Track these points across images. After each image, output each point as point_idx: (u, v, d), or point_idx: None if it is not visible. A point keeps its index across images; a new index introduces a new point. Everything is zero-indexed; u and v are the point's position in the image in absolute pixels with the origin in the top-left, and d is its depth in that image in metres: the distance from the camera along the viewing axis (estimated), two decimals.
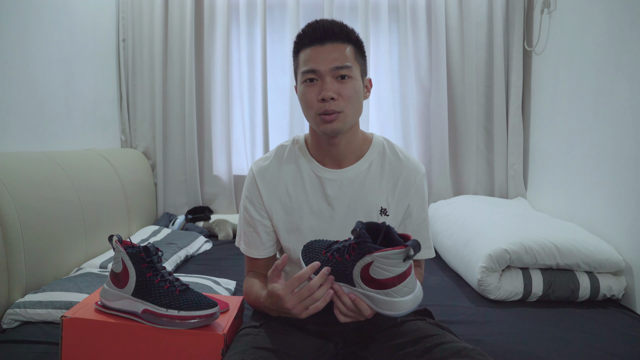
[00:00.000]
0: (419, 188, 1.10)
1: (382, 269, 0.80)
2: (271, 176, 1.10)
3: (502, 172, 2.67)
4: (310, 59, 0.99)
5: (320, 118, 1.00)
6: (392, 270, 0.80)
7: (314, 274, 0.88)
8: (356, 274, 0.83)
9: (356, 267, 0.83)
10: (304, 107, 1.03)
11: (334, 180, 1.07)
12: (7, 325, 1.26)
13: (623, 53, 1.76)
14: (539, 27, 2.45)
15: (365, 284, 0.83)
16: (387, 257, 0.79)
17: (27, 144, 1.74)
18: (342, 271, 0.86)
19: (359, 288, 0.84)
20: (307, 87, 1.01)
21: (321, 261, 0.89)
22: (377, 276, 0.81)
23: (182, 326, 0.96)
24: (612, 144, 1.81)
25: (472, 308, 1.56)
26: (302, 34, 1.02)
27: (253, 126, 2.73)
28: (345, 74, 0.99)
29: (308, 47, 1.01)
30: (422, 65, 2.69)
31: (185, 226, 2.49)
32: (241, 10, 2.66)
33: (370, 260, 0.80)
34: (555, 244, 1.63)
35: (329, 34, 0.99)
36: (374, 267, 0.80)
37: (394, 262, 0.79)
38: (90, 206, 1.78)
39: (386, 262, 0.79)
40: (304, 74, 1.01)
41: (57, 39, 1.95)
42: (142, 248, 1.00)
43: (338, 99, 0.98)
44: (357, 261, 0.83)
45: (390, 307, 0.82)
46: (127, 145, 2.68)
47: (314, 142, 1.09)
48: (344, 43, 1.00)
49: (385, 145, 1.12)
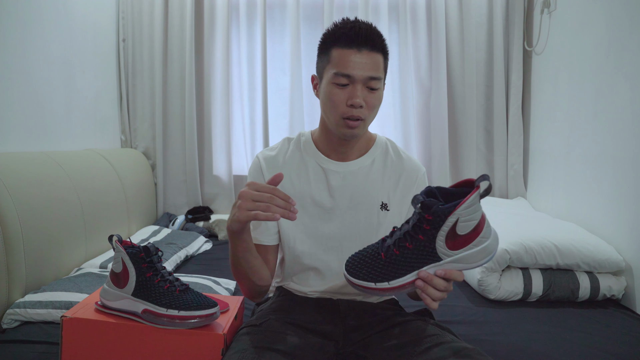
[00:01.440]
0: (420, 185, 1.12)
1: (468, 220, 0.75)
2: (277, 165, 1.11)
3: (502, 172, 2.67)
4: (347, 64, 0.99)
5: (344, 122, 1.01)
6: (475, 217, 0.76)
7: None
8: (441, 244, 0.78)
9: (439, 238, 0.77)
10: (329, 106, 1.03)
11: (337, 172, 1.09)
12: (7, 325, 1.26)
13: (623, 53, 1.76)
14: (539, 27, 2.45)
15: (454, 249, 0.78)
16: (470, 205, 0.74)
17: (27, 144, 1.74)
18: (420, 255, 0.79)
19: (446, 258, 0.78)
20: (336, 89, 1.01)
21: (384, 265, 0.81)
22: (465, 231, 0.76)
23: (182, 326, 0.96)
24: (612, 144, 1.81)
25: (472, 308, 1.56)
26: (338, 31, 1.02)
27: (253, 126, 2.73)
28: (376, 85, 1.01)
29: (344, 48, 1.00)
30: (422, 65, 2.69)
31: (185, 226, 2.49)
32: (241, 10, 2.66)
33: (455, 219, 0.75)
34: (555, 244, 1.63)
35: (369, 40, 1.00)
36: (460, 224, 0.75)
37: (475, 206, 0.75)
38: (90, 206, 1.78)
39: (470, 210, 0.75)
40: (336, 75, 1.00)
41: (57, 39, 1.95)
42: (142, 248, 1.00)
43: (364, 107, 1.00)
44: (437, 231, 0.77)
45: (484, 253, 0.78)
46: (127, 145, 2.68)
47: (323, 138, 1.11)
48: (379, 53, 1.01)
49: (388, 144, 1.15)
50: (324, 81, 1.04)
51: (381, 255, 0.81)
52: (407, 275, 0.80)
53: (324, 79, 1.05)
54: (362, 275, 0.82)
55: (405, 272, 0.80)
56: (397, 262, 0.80)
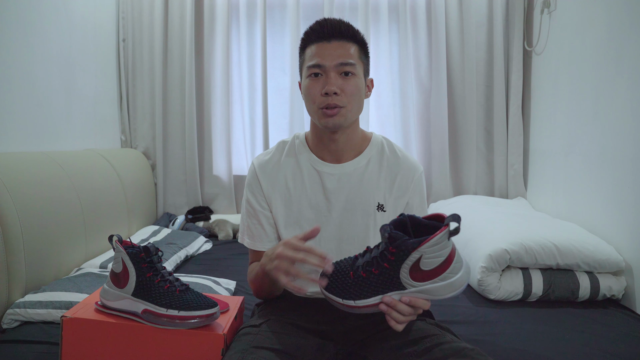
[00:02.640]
0: (417, 185, 1.11)
1: (432, 257, 0.76)
2: (272, 170, 1.12)
3: (502, 172, 2.67)
4: (316, 54, 1.02)
5: (322, 112, 1.02)
6: (442, 254, 0.76)
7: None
8: (404, 275, 0.79)
9: (403, 270, 0.78)
10: (307, 100, 1.05)
11: (332, 175, 1.09)
12: (7, 325, 1.26)
13: (623, 53, 1.76)
14: (539, 27, 2.45)
15: (418, 281, 0.78)
16: (436, 243, 0.75)
17: (27, 144, 1.74)
18: (385, 281, 0.80)
19: (411, 288, 0.80)
20: (311, 81, 1.03)
21: (352, 284, 0.83)
22: (428, 267, 0.77)
23: (182, 326, 0.96)
24: (611, 144, 1.81)
25: (472, 308, 1.56)
26: (310, 30, 1.05)
27: (253, 126, 2.73)
28: (349, 71, 1.02)
29: (314, 43, 1.03)
30: (422, 65, 2.69)
31: (185, 226, 2.49)
32: (241, 10, 2.66)
33: (419, 256, 0.76)
34: (555, 244, 1.63)
35: (336, 31, 1.02)
36: (423, 260, 0.76)
37: (442, 245, 0.75)
38: (90, 206, 1.78)
39: (435, 248, 0.75)
40: (309, 68, 1.03)
41: (57, 39, 1.95)
42: (142, 248, 1.00)
43: (341, 95, 1.01)
44: (401, 264, 0.78)
45: (450, 288, 0.78)
46: (127, 145, 2.68)
47: (314, 138, 1.11)
48: (349, 42, 1.03)
49: (384, 143, 1.14)
50: (302, 79, 1.07)
51: (350, 274, 0.83)
52: (372, 297, 0.82)
53: (302, 77, 1.08)
54: (332, 289, 0.84)
55: (371, 294, 0.82)
56: (363, 283, 0.82)
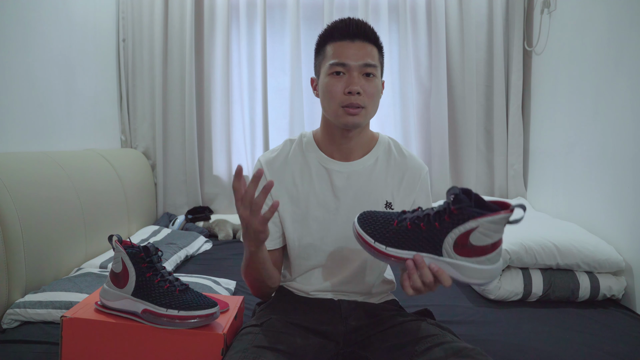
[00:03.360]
0: (423, 184, 1.12)
1: (485, 234, 0.74)
2: (279, 167, 1.12)
3: (502, 172, 2.67)
4: (341, 53, 1.02)
5: (343, 110, 1.02)
6: (493, 236, 0.75)
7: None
8: (449, 242, 0.77)
9: (451, 235, 0.77)
10: (328, 97, 1.04)
11: (341, 172, 1.09)
12: (7, 325, 1.26)
13: (623, 53, 1.76)
14: (539, 27, 2.45)
15: (457, 253, 0.77)
16: (495, 222, 0.73)
17: (27, 144, 1.74)
18: (426, 240, 0.79)
19: (446, 258, 0.79)
20: (333, 79, 1.03)
21: (392, 231, 0.82)
22: (477, 243, 0.75)
23: (182, 326, 0.96)
24: (612, 144, 1.81)
25: (472, 308, 1.56)
26: (334, 27, 1.05)
27: (253, 126, 2.73)
28: (372, 72, 1.02)
29: (338, 41, 1.04)
30: (422, 65, 2.69)
31: (185, 226, 2.49)
32: (241, 10, 2.66)
33: (475, 226, 0.74)
34: (555, 244, 1.63)
35: (361, 32, 1.03)
36: (477, 233, 0.75)
37: (498, 227, 0.74)
38: (90, 206, 1.78)
39: (492, 227, 0.74)
40: (332, 66, 1.02)
41: (57, 39, 1.95)
42: (142, 248, 1.00)
43: (363, 95, 1.01)
44: (453, 228, 0.76)
45: (480, 275, 0.77)
46: (127, 145, 2.68)
47: (325, 136, 1.11)
48: (371, 43, 1.04)
49: (390, 143, 1.15)
50: (322, 76, 1.06)
51: (394, 222, 0.83)
52: (405, 250, 0.82)
53: (321, 74, 1.07)
54: (367, 229, 0.84)
55: (406, 247, 0.82)
56: (404, 234, 0.82)
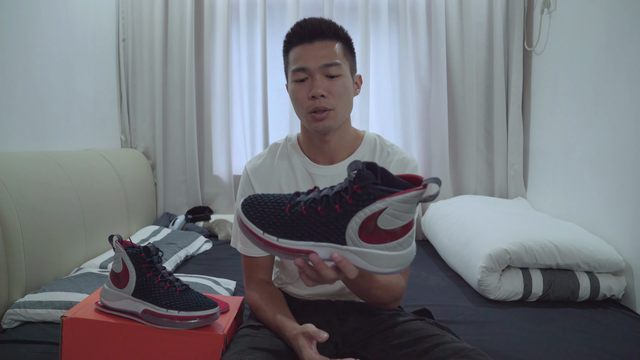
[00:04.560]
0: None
1: (395, 216, 0.64)
2: (264, 174, 1.11)
3: (502, 172, 2.67)
4: (300, 57, 1.00)
5: (311, 116, 1.00)
6: (405, 217, 0.65)
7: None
8: (353, 227, 0.66)
9: (354, 219, 0.66)
10: (295, 105, 1.04)
11: (324, 177, 1.07)
12: (7, 325, 1.26)
13: (623, 53, 1.76)
14: (539, 27, 2.45)
15: (364, 239, 0.66)
16: (406, 201, 0.63)
17: (27, 144, 1.74)
18: (326, 227, 0.67)
19: (351, 246, 0.67)
20: (297, 85, 1.01)
21: (283, 219, 0.69)
22: (386, 226, 0.65)
23: (182, 326, 0.96)
24: (612, 144, 1.81)
25: (472, 308, 1.56)
26: (291, 32, 1.03)
27: (253, 126, 2.73)
28: (335, 73, 0.99)
29: (297, 45, 1.01)
30: (422, 65, 2.69)
31: (185, 226, 2.49)
32: (241, 10, 2.66)
33: (383, 207, 0.64)
34: (555, 244, 1.63)
35: (318, 31, 1.00)
36: (385, 215, 0.64)
37: (411, 206, 0.64)
38: (90, 206, 1.78)
39: (403, 207, 0.63)
40: (293, 72, 1.01)
41: (57, 39, 1.95)
42: (142, 248, 1.00)
43: (328, 97, 0.99)
44: (357, 211, 0.65)
45: (392, 262, 0.66)
46: (127, 145, 2.68)
47: (305, 140, 1.10)
48: (332, 40, 1.01)
49: (377, 141, 1.11)
50: (289, 83, 1.05)
51: (286, 207, 0.70)
52: (302, 241, 0.69)
53: (288, 81, 1.05)
54: (254, 218, 0.71)
55: (302, 237, 0.69)
56: (298, 221, 0.68)
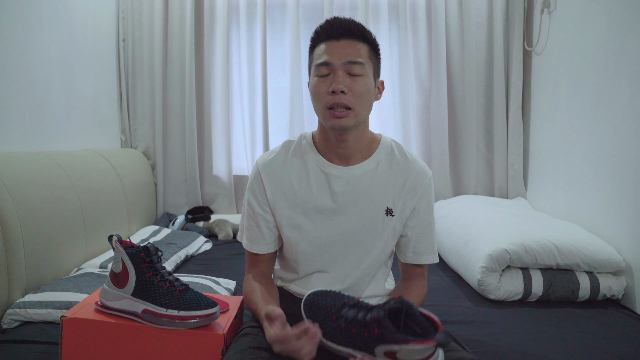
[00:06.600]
0: (426, 190, 1.08)
1: (409, 357, 0.76)
2: (276, 170, 1.09)
3: (502, 172, 2.67)
4: (324, 53, 1.00)
5: (329, 112, 0.99)
6: (419, 356, 0.76)
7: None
8: (380, 352, 0.78)
9: (379, 348, 0.78)
10: (314, 99, 1.03)
11: (340, 177, 1.06)
12: (7, 325, 1.26)
13: (623, 53, 1.76)
14: (539, 27, 2.45)
15: (390, 358, 0.78)
16: (417, 351, 0.75)
17: (27, 144, 1.74)
18: (359, 343, 0.81)
19: (380, 359, 0.80)
20: (318, 80, 1.01)
21: (330, 326, 0.84)
22: (405, 358, 0.77)
23: (182, 326, 0.96)
24: (612, 144, 1.81)
25: (472, 308, 1.56)
26: (319, 29, 1.03)
27: (253, 126, 2.73)
28: (358, 72, 0.99)
29: (323, 42, 1.01)
30: (422, 65, 2.69)
31: (185, 226, 2.49)
32: (241, 10, 2.66)
33: (397, 349, 0.76)
34: (555, 244, 1.63)
35: (345, 30, 1.00)
36: (400, 355, 0.76)
37: (420, 353, 0.75)
38: (90, 206, 1.78)
39: (415, 354, 0.75)
40: (317, 67, 1.01)
41: (57, 39, 1.95)
42: (142, 248, 1.00)
43: (348, 94, 0.98)
44: (379, 344, 0.78)
45: None
46: (127, 145, 2.68)
47: (322, 138, 1.08)
48: (359, 41, 1.01)
49: (393, 146, 1.11)
50: (310, 78, 1.05)
51: (332, 318, 0.85)
52: (342, 347, 0.83)
53: (310, 77, 1.05)
54: (312, 319, 0.87)
55: (342, 344, 0.83)
56: (339, 332, 0.83)
